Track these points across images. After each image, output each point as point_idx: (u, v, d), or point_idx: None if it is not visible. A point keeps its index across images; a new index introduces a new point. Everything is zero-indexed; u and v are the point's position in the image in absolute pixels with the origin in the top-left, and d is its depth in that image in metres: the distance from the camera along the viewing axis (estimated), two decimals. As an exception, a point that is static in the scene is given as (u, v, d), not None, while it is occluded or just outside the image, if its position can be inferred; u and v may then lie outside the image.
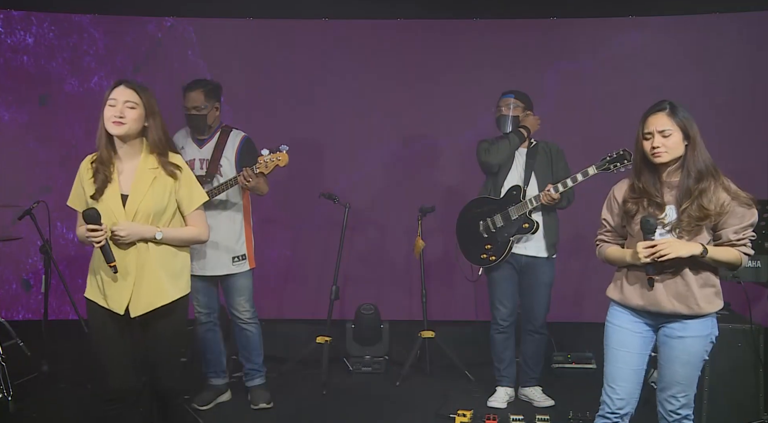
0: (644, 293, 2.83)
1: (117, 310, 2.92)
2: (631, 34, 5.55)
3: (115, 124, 2.89)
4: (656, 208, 2.81)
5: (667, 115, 2.78)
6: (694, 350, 2.82)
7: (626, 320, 2.91)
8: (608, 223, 2.98)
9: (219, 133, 4.18)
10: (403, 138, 5.80)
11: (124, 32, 5.78)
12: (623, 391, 2.89)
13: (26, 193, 5.53)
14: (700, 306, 2.78)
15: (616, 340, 2.92)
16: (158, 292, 2.95)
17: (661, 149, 2.77)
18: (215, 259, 4.12)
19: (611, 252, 2.96)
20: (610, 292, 2.98)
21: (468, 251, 4.42)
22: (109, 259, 2.85)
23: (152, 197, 2.93)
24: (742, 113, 5.43)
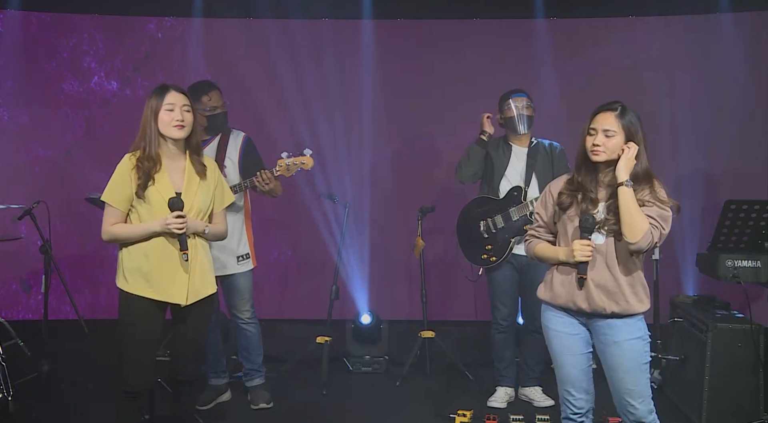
0: (575, 292, 2.81)
1: (177, 301, 3.06)
2: (631, 34, 5.55)
3: (178, 128, 3.04)
4: (590, 204, 2.81)
5: (616, 117, 2.78)
6: (633, 355, 2.80)
7: (561, 323, 2.89)
8: (541, 217, 2.98)
9: (221, 134, 4.20)
10: (403, 138, 5.80)
11: (124, 32, 5.78)
12: (578, 392, 2.90)
13: (26, 193, 5.54)
14: (630, 303, 2.77)
15: (558, 344, 2.90)
16: (207, 282, 3.16)
17: (600, 148, 2.77)
18: (221, 259, 4.13)
19: (542, 249, 2.94)
20: (540, 292, 2.96)
21: (468, 251, 4.42)
22: (184, 247, 3.01)
23: (202, 195, 3.12)
24: (742, 113, 5.43)
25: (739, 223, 3.98)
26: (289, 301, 5.80)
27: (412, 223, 5.03)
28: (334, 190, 5.12)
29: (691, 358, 4.08)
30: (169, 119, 3.02)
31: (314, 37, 5.69)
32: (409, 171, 5.77)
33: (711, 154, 5.44)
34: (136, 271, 3.04)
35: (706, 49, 5.47)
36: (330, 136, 5.69)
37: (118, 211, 3.05)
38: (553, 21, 5.61)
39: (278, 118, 5.57)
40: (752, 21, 5.43)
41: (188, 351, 3.22)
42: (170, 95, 3.04)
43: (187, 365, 3.23)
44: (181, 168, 3.11)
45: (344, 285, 5.34)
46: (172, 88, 3.08)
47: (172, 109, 3.02)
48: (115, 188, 3.05)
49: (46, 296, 4.59)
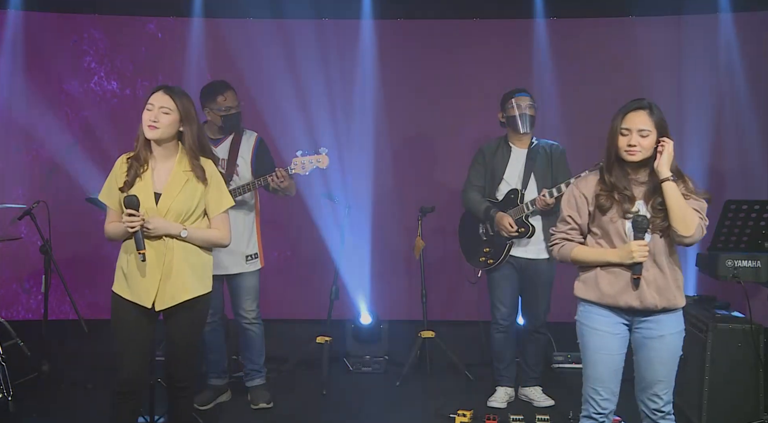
0: (626, 291, 2.82)
1: (144, 303, 3.04)
2: (631, 34, 5.54)
3: (150, 128, 3.04)
4: (628, 202, 2.82)
5: (648, 115, 2.79)
6: (673, 347, 2.87)
7: (603, 322, 2.89)
8: (574, 220, 2.94)
9: (233, 133, 4.21)
10: (403, 138, 5.80)
11: (124, 32, 5.77)
12: (606, 392, 2.90)
13: (26, 193, 5.54)
14: (677, 298, 2.84)
15: (596, 343, 2.90)
16: (183, 287, 3.07)
17: (636, 148, 2.78)
18: (229, 257, 4.14)
19: (581, 252, 2.92)
20: (581, 292, 2.94)
21: (468, 253, 4.43)
22: (139, 246, 2.98)
23: (183, 198, 3.07)
24: (742, 113, 5.42)
25: (739, 223, 3.98)
26: (289, 301, 5.78)
27: (412, 223, 5.03)
28: (334, 189, 5.12)
29: (691, 358, 4.08)
30: (145, 118, 3.04)
31: (314, 37, 5.68)
32: (409, 171, 5.77)
33: (711, 154, 5.42)
34: (119, 271, 3.10)
35: (706, 49, 5.46)
36: (330, 136, 5.68)
37: (114, 211, 3.12)
38: (553, 21, 5.61)
39: (278, 118, 5.56)
40: (752, 21, 5.42)
41: (176, 355, 3.20)
42: (154, 96, 3.06)
43: (179, 369, 3.20)
44: (167, 169, 3.10)
45: (344, 285, 5.34)
46: (163, 88, 3.09)
47: (150, 109, 3.04)
48: (107, 187, 3.13)
49: (46, 296, 4.59)
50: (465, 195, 4.34)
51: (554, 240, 3.02)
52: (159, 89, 3.08)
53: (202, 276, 3.15)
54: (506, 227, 4.12)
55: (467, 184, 4.35)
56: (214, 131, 4.24)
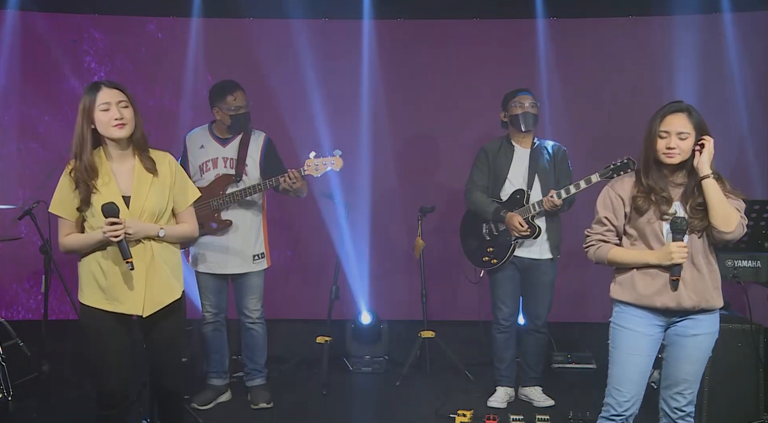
0: (665, 292, 2.81)
1: (134, 312, 2.89)
2: (631, 34, 5.54)
3: (119, 128, 2.83)
4: (665, 204, 2.82)
5: (687, 118, 2.79)
6: (705, 347, 2.87)
7: (639, 323, 2.88)
8: (610, 222, 2.93)
9: (242, 133, 4.22)
10: (404, 138, 5.80)
11: (124, 32, 5.77)
12: (630, 394, 2.88)
13: (26, 193, 5.54)
14: (714, 299, 2.84)
15: (628, 343, 2.89)
16: (167, 289, 2.95)
17: (675, 151, 2.77)
18: (237, 257, 4.15)
19: (619, 253, 2.90)
20: (617, 293, 2.93)
21: (470, 253, 4.42)
22: (126, 255, 2.79)
23: (154, 197, 2.91)
24: (742, 113, 5.43)
25: (739, 223, 3.97)
26: (289, 301, 5.79)
27: (412, 223, 5.03)
28: (334, 189, 5.12)
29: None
30: (107, 119, 2.80)
31: (314, 37, 5.68)
32: (410, 171, 5.77)
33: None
34: (93, 283, 2.89)
35: (707, 49, 5.46)
36: (330, 136, 5.68)
37: (69, 222, 2.90)
38: (553, 21, 5.61)
39: (277, 118, 5.56)
40: (752, 21, 5.42)
41: (164, 361, 3.05)
42: (103, 93, 2.82)
43: (165, 376, 3.06)
44: (130, 169, 2.90)
45: (344, 285, 5.34)
46: (104, 84, 2.85)
47: (107, 109, 2.81)
48: (60, 199, 2.90)
49: (46, 296, 4.59)
50: (470, 195, 4.32)
51: (590, 241, 2.99)
52: (102, 85, 2.84)
53: (179, 275, 3.02)
54: (517, 227, 4.11)
55: (471, 184, 4.34)
56: (222, 131, 4.24)
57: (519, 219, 4.12)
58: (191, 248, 4.24)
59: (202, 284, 4.25)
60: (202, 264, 4.21)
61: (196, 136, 4.31)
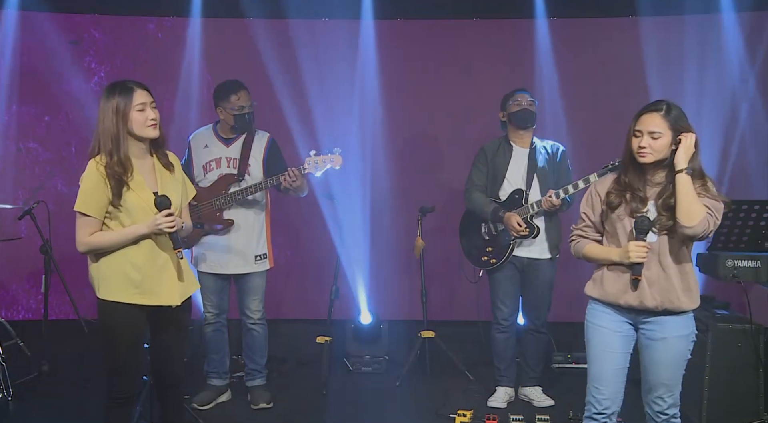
0: (627, 290, 2.82)
1: (170, 302, 3.00)
2: (631, 34, 5.54)
3: (153, 127, 2.96)
4: (639, 202, 2.82)
5: (661, 117, 2.77)
6: (677, 350, 2.85)
7: (607, 320, 2.90)
8: (588, 217, 2.97)
9: (245, 133, 4.23)
10: (404, 138, 5.80)
11: (124, 32, 5.77)
12: (608, 391, 2.89)
13: (26, 193, 5.54)
14: (681, 301, 2.81)
15: (599, 340, 2.91)
16: (191, 280, 3.12)
17: (646, 150, 2.77)
18: (238, 257, 4.15)
19: (591, 249, 2.95)
20: (588, 290, 2.97)
21: (469, 253, 4.42)
22: (177, 245, 2.94)
23: (175, 192, 3.05)
24: (742, 113, 5.43)
25: (739, 223, 3.98)
26: (289, 301, 5.79)
27: (412, 223, 5.03)
28: (334, 189, 5.12)
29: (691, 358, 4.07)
30: (143, 119, 2.92)
31: (314, 37, 5.68)
32: (409, 171, 5.77)
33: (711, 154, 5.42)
34: (123, 279, 2.93)
35: (707, 49, 5.46)
36: (330, 136, 5.68)
37: (95, 220, 2.92)
38: (553, 21, 5.61)
39: (277, 118, 5.56)
40: (753, 21, 5.42)
41: (172, 354, 3.14)
42: (138, 94, 2.93)
43: (172, 368, 3.15)
44: (150, 166, 3.02)
45: (344, 285, 5.34)
46: (136, 85, 2.95)
47: (143, 109, 2.92)
48: (90, 197, 2.91)
49: (46, 296, 4.59)
50: (469, 195, 4.33)
51: (571, 236, 3.05)
52: (135, 87, 2.94)
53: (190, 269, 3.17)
54: (515, 227, 4.12)
55: (470, 184, 4.34)
56: (226, 131, 4.24)
57: (517, 219, 4.12)
58: (194, 248, 4.24)
59: (204, 284, 4.24)
60: (203, 263, 4.22)
61: (200, 136, 4.31)
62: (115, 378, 3.01)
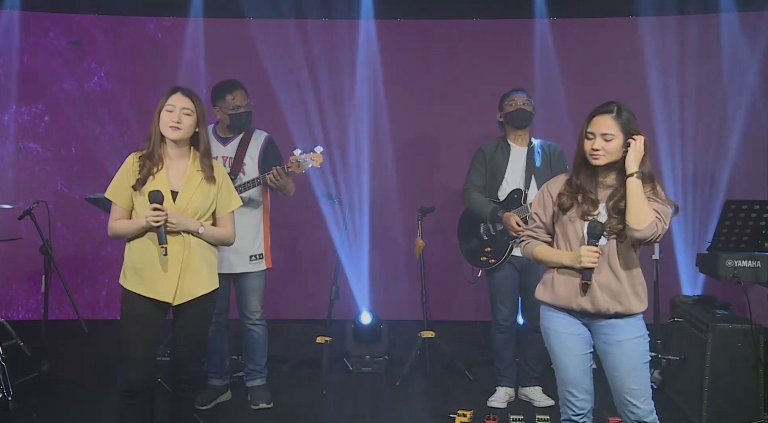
0: (578, 294, 2.81)
1: (165, 299, 3.07)
2: (631, 34, 5.54)
3: (173, 129, 3.08)
4: (590, 205, 2.81)
5: (613, 119, 2.76)
6: (636, 352, 2.82)
7: (563, 324, 2.88)
8: (539, 218, 2.94)
9: (243, 132, 4.23)
10: (404, 138, 5.80)
11: (124, 32, 5.77)
12: (581, 392, 2.89)
13: (26, 193, 5.54)
14: (631, 303, 2.80)
15: (558, 345, 2.89)
16: (199, 282, 3.14)
17: (600, 152, 2.76)
18: (233, 257, 4.14)
19: (542, 251, 2.92)
20: (539, 293, 2.94)
21: (468, 253, 4.42)
22: (162, 240, 3.01)
23: (200, 196, 3.13)
24: (742, 113, 5.43)
25: (739, 223, 3.97)
26: (289, 301, 5.79)
27: (412, 223, 5.03)
28: (333, 189, 5.12)
29: (691, 358, 4.08)
30: (167, 119, 3.08)
31: (314, 37, 5.69)
32: (409, 171, 5.77)
33: (711, 154, 5.43)
34: (132, 268, 3.10)
35: (707, 49, 5.47)
36: (330, 136, 5.69)
37: (120, 208, 3.12)
38: (553, 21, 5.61)
39: (277, 118, 5.57)
40: (752, 21, 5.42)
41: (187, 349, 3.21)
42: (174, 97, 3.11)
43: (187, 364, 3.23)
44: (181, 169, 3.15)
45: (344, 285, 5.34)
46: (180, 90, 3.14)
47: (171, 111, 3.08)
48: (116, 185, 3.13)
49: (46, 296, 4.59)
50: (467, 195, 4.33)
51: (522, 236, 3.04)
52: (177, 91, 3.13)
53: (213, 272, 3.23)
54: (514, 227, 4.12)
55: (468, 184, 4.34)
56: (224, 130, 4.24)
57: (516, 218, 4.12)
58: None
59: None
60: None
61: None
62: (125, 369, 3.09)
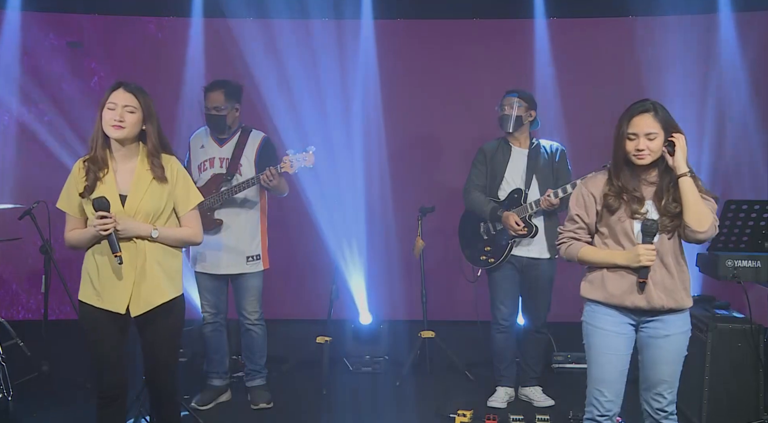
0: (632, 291, 2.82)
1: (117, 310, 2.91)
2: (630, 34, 5.54)
3: (115, 128, 2.90)
4: (637, 203, 2.81)
5: (653, 117, 2.77)
6: (679, 347, 2.87)
7: (609, 322, 2.88)
8: (582, 219, 2.93)
9: (239, 133, 4.23)
10: (404, 138, 5.80)
11: (124, 32, 5.77)
12: (611, 394, 2.89)
13: (26, 193, 5.53)
14: (684, 299, 2.83)
15: (602, 343, 2.89)
16: (157, 291, 2.96)
17: (644, 152, 2.77)
18: (230, 257, 4.14)
19: (589, 252, 2.91)
20: (587, 292, 2.93)
21: (468, 252, 4.42)
22: (114, 249, 2.84)
23: (151, 198, 2.95)
24: (742, 113, 5.43)
25: (739, 223, 3.97)
26: (289, 301, 5.79)
27: (411, 223, 5.03)
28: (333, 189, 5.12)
29: (691, 358, 4.05)
30: (108, 118, 2.90)
31: (314, 37, 5.69)
32: (409, 171, 5.77)
33: (711, 154, 5.44)
34: (87, 279, 2.96)
35: (706, 49, 5.47)
36: (330, 136, 5.68)
37: (73, 218, 2.99)
38: (553, 21, 5.61)
39: (277, 118, 5.57)
40: (752, 21, 5.43)
41: (158, 363, 3.05)
42: (116, 94, 2.91)
43: (160, 378, 3.07)
44: (131, 169, 2.96)
45: (344, 285, 5.34)
46: (123, 85, 2.93)
47: (113, 108, 2.89)
48: (65, 194, 3.01)
49: (46, 296, 4.59)
50: (467, 195, 4.33)
51: (562, 238, 3.00)
52: (119, 86, 2.92)
53: (175, 278, 3.03)
54: (513, 226, 4.12)
55: (469, 184, 4.34)
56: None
57: (515, 218, 4.12)
58: (191, 248, 4.25)
59: (200, 284, 4.26)
60: (198, 264, 4.23)
61: (198, 137, 4.32)
62: (97, 375, 3.02)
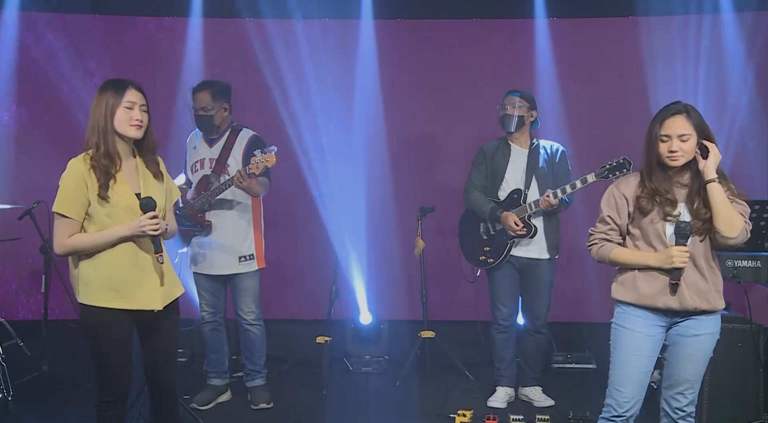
0: (664, 292, 2.81)
1: (152, 307, 2.91)
2: (630, 34, 5.54)
3: (135, 128, 2.89)
4: (669, 206, 2.81)
5: (686, 119, 2.78)
6: (706, 347, 2.87)
7: (641, 324, 2.87)
8: (613, 220, 2.91)
9: (228, 133, 4.22)
10: (403, 138, 5.80)
11: (124, 32, 5.77)
12: (630, 395, 2.88)
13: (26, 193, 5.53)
14: (716, 300, 2.84)
15: (629, 344, 2.88)
16: (175, 283, 3.06)
17: (677, 153, 2.76)
18: (222, 258, 4.14)
19: (621, 253, 2.89)
20: (619, 293, 2.92)
21: (467, 252, 4.43)
22: (158, 249, 2.90)
23: (160, 195, 2.99)
24: (742, 113, 5.43)
25: (739, 223, 3.97)
26: (289, 301, 5.79)
27: (412, 223, 5.03)
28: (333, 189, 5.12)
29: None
30: (127, 117, 2.87)
31: (314, 37, 5.69)
32: (409, 171, 5.77)
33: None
34: (103, 283, 2.86)
35: (707, 49, 5.47)
36: (330, 136, 5.69)
37: (74, 222, 2.85)
38: (553, 21, 5.61)
39: (277, 118, 5.57)
40: (752, 21, 5.42)
41: (165, 358, 3.06)
42: (130, 93, 2.89)
43: (165, 373, 3.08)
44: (133, 167, 2.96)
45: (344, 285, 5.34)
46: (131, 85, 2.92)
47: (131, 108, 2.88)
48: (69, 197, 2.85)
49: (46, 296, 4.59)
50: (467, 195, 4.34)
51: (593, 240, 2.98)
52: (129, 86, 2.91)
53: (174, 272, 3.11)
54: (512, 226, 4.12)
55: (469, 184, 4.35)
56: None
57: (514, 218, 4.13)
58: (188, 248, 4.26)
59: (198, 284, 4.28)
60: (195, 264, 4.24)
61: (192, 138, 4.33)
62: (104, 380, 2.97)
